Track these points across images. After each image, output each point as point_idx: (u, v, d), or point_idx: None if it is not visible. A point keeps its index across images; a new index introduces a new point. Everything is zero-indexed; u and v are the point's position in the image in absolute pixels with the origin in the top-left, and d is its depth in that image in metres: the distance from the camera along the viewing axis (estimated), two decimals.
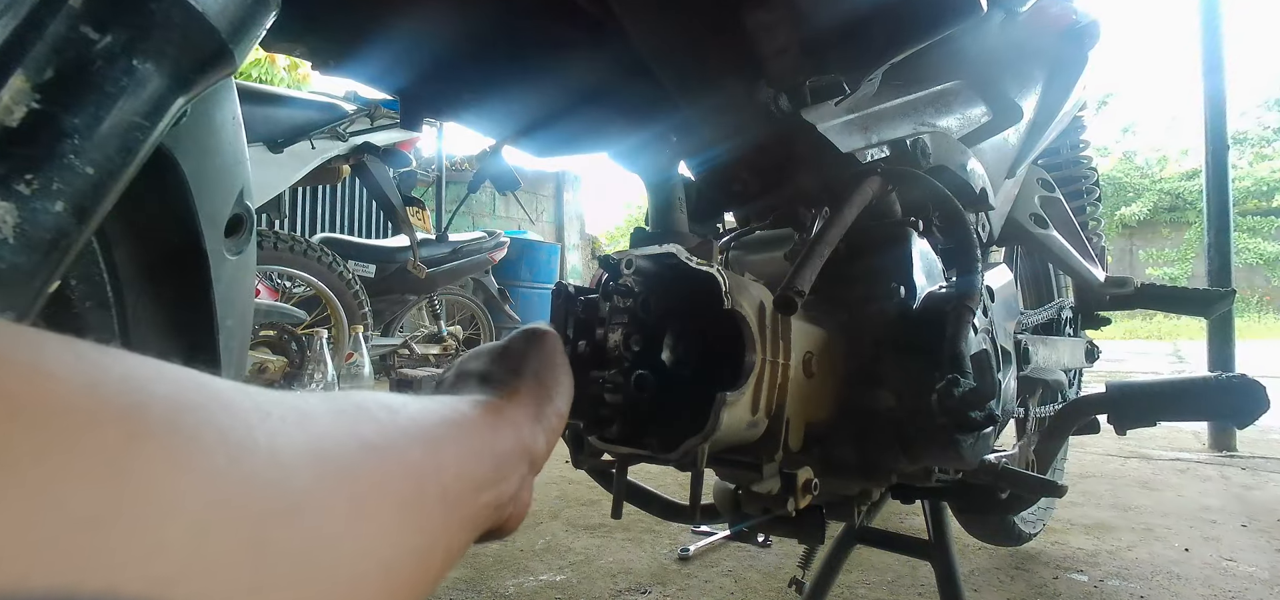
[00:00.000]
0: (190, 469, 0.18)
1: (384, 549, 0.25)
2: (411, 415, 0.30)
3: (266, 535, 0.20)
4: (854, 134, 0.68)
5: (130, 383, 0.19)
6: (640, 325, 0.51)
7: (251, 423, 0.21)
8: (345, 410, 0.27)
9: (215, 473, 0.19)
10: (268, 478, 0.21)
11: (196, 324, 0.55)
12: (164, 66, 0.39)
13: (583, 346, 0.51)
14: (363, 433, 0.26)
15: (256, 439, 0.21)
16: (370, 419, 0.27)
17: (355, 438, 0.26)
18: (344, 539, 0.23)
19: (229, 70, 0.44)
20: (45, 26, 0.36)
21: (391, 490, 0.26)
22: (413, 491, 0.27)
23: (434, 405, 0.33)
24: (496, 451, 0.34)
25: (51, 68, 0.36)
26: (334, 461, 0.24)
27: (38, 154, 0.36)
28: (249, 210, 0.57)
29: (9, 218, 0.35)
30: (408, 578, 0.26)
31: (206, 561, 0.18)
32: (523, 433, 0.36)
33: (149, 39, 0.38)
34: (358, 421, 0.26)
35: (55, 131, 0.36)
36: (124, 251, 0.52)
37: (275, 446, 0.21)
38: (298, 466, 0.22)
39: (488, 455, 0.33)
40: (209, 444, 0.19)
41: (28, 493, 0.15)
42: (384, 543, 0.25)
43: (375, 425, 0.27)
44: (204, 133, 0.52)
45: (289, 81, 5.65)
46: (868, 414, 0.65)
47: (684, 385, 0.53)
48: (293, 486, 0.21)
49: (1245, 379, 0.74)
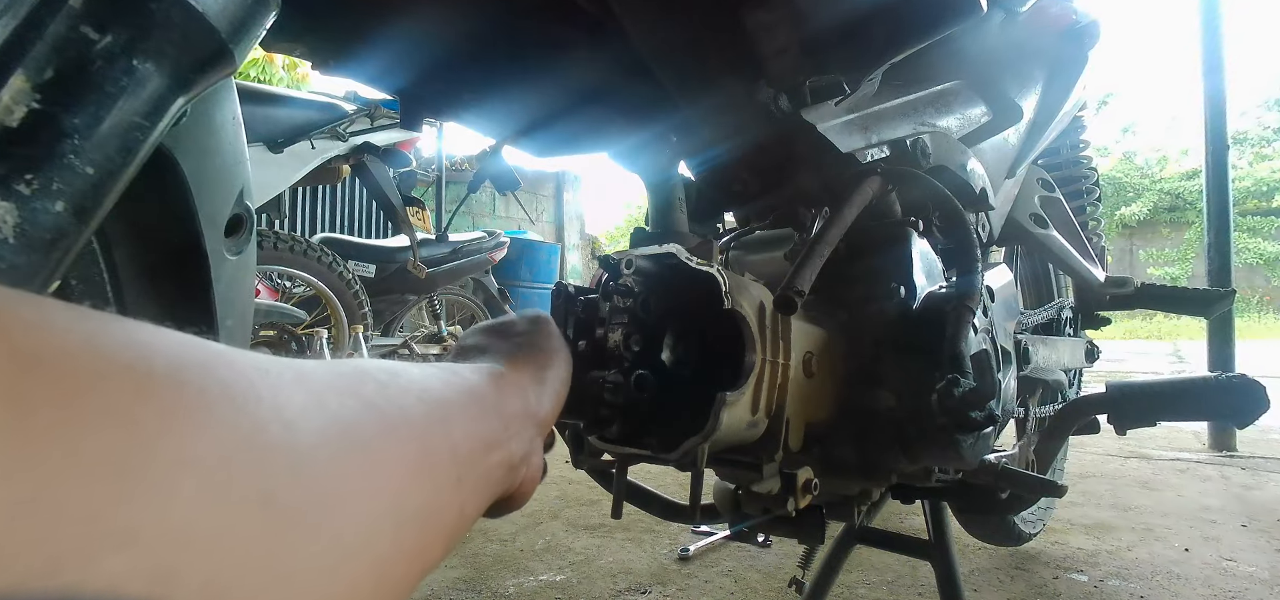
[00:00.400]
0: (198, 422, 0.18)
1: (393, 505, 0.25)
2: (413, 378, 0.30)
3: (275, 488, 0.20)
4: (854, 134, 0.68)
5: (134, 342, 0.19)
6: (640, 325, 0.51)
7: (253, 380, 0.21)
8: (344, 373, 0.26)
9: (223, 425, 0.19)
10: (273, 432, 0.20)
11: (196, 324, 0.55)
12: (164, 66, 0.39)
13: (583, 346, 0.51)
14: (365, 392, 0.26)
15: (261, 394, 0.21)
16: (371, 380, 0.27)
17: (357, 396, 0.25)
18: (353, 495, 0.23)
19: (229, 70, 0.44)
20: (45, 26, 0.36)
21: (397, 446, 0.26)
22: (419, 448, 0.27)
23: (436, 370, 0.32)
24: (503, 412, 0.34)
25: (51, 68, 0.36)
26: (337, 418, 0.24)
27: (38, 154, 0.36)
28: (249, 210, 0.57)
29: (9, 218, 0.35)
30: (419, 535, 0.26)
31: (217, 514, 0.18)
32: (527, 395, 0.36)
33: (149, 39, 0.38)
34: (359, 382, 0.26)
35: (55, 131, 0.36)
36: (124, 251, 0.52)
37: (279, 402, 0.21)
38: (302, 423, 0.22)
39: (493, 414, 0.33)
40: (214, 398, 0.19)
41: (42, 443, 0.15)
42: (393, 499, 0.25)
43: (376, 385, 0.27)
44: (204, 133, 0.52)
45: (289, 81, 5.65)
46: (868, 414, 0.64)
47: (684, 385, 0.53)
48: (299, 443, 0.21)
49: (1245, 379, 0.74)
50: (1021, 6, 0.91)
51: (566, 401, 0.43)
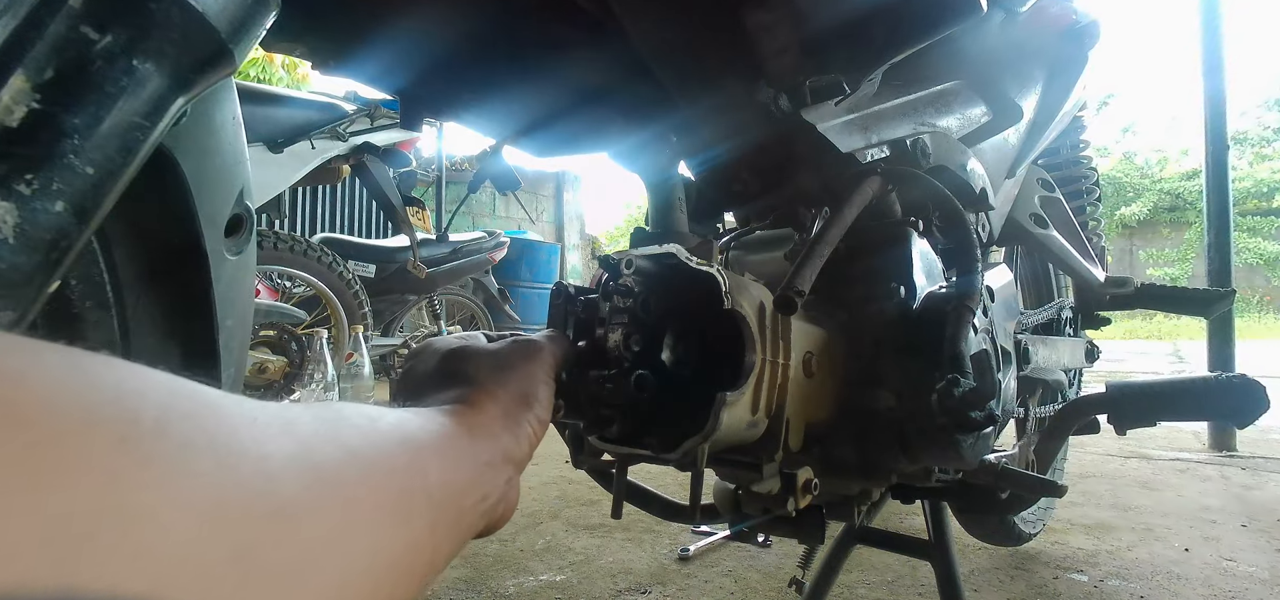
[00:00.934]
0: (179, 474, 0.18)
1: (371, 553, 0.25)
2: (391, 423, 0.30)
3: (254, 539, 0.20)
4: (854, 134, 0.68)
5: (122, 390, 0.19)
6: (640, 325, 0.51)
7: (238, 429, 0.21)
8: (327, 419, 0.27)
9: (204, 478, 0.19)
10: (255, 483, 0.21)
11: (196, 324, 0.55)
12: (164, 66, 0.39)
13: (582, 346, 0.51)
14: (346, 440, 0.26)
15: (244, 445, 0.21)
16: (352, 427, 0.27)
17: (339, 445, 0.26)
18: (331, 542, 0.23)
19: (229, 70, 0.44)
20: (45, 26, 0.36)
21: (377, 495, 0.26)
22: (398, 496, 0.28)
23: (411, 416, 0.33)
24: (478, 460, 0.34)
25: (51, 68, 0.36)
26: (320, 468, 0.24)
27: (38, 154, 0.36)
28: (249, 210, 0.57)
29: (9, 218, 0.35)
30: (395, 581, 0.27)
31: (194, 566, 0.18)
32: (501, 440, 0.36)
33: (149, 39, 0.38)
34: (340, 429, 0.27)
35: (55, 131, 0.36)
36: (124, 251, 0.52)
37: (263, 453, 0.22)
38: (285, 472, 0.22)
39: (468, 462, 0.34)
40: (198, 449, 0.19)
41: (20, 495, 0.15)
42: (371, 546, 0.25)
43: (358, 433, 0.27)
44: (204, 133, 0.52)
45: (289, 81, 5.65)
46: (868, 414, 0.64)
47: (684, 385, 0.53)
48: (280, 492, 0.21)
49: (1245, 379, 0.74)
50: (1021, 6, 0.91)
51: (567, 402, 0.43)
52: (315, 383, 2.13)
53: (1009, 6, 0.90)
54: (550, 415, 0.41)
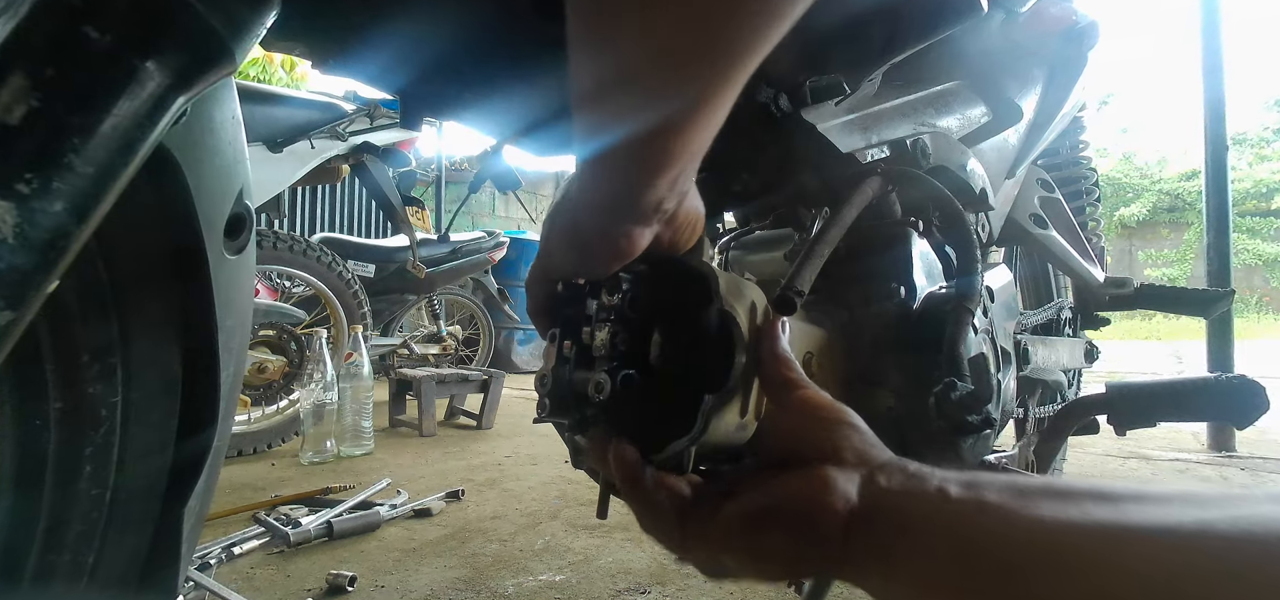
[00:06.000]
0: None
1: None
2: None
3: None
4: (854, 134, 0.68)
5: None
6: (627, 323, 0.50)
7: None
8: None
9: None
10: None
11: (196, 324, 0.55)
12: (164, 66, 0.39)
13: (568, 346, 0.50)
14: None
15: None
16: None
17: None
18: None
19: (229, 70, 0.44)
20: (45, 26, 0.36)
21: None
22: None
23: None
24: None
25: (51, 67, 0.36)
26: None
27: (38, 154, 0.36)
28: (249, 210, 0.57)
29: (9, 218, 0.35)
30: None
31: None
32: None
33: (149, 39, 0.38)
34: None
35: (55, 131, 0.36)
36: (124, 251, 0.52)
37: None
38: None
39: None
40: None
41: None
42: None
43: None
44: (204, 133, 0.52)
45: (289, 81, 5.64)
46: (867, 415, 0.64)
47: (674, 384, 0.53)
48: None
49: (1245, 379, 0.74)
50: (1021, 7, 0.91)
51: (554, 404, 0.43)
52: (314, 383, 2.13)
53: (1009, 7, 0.90)
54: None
